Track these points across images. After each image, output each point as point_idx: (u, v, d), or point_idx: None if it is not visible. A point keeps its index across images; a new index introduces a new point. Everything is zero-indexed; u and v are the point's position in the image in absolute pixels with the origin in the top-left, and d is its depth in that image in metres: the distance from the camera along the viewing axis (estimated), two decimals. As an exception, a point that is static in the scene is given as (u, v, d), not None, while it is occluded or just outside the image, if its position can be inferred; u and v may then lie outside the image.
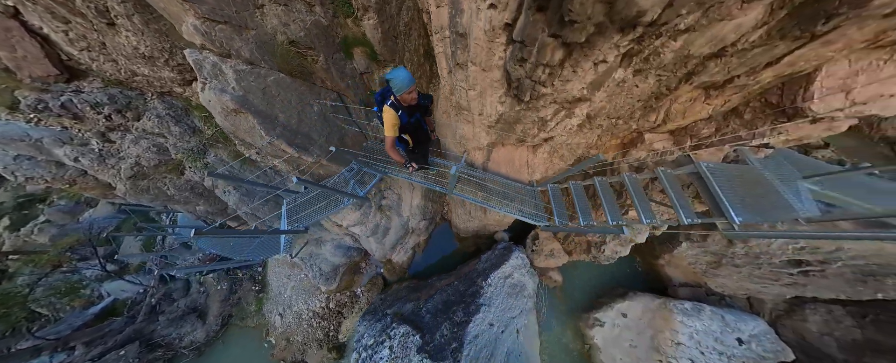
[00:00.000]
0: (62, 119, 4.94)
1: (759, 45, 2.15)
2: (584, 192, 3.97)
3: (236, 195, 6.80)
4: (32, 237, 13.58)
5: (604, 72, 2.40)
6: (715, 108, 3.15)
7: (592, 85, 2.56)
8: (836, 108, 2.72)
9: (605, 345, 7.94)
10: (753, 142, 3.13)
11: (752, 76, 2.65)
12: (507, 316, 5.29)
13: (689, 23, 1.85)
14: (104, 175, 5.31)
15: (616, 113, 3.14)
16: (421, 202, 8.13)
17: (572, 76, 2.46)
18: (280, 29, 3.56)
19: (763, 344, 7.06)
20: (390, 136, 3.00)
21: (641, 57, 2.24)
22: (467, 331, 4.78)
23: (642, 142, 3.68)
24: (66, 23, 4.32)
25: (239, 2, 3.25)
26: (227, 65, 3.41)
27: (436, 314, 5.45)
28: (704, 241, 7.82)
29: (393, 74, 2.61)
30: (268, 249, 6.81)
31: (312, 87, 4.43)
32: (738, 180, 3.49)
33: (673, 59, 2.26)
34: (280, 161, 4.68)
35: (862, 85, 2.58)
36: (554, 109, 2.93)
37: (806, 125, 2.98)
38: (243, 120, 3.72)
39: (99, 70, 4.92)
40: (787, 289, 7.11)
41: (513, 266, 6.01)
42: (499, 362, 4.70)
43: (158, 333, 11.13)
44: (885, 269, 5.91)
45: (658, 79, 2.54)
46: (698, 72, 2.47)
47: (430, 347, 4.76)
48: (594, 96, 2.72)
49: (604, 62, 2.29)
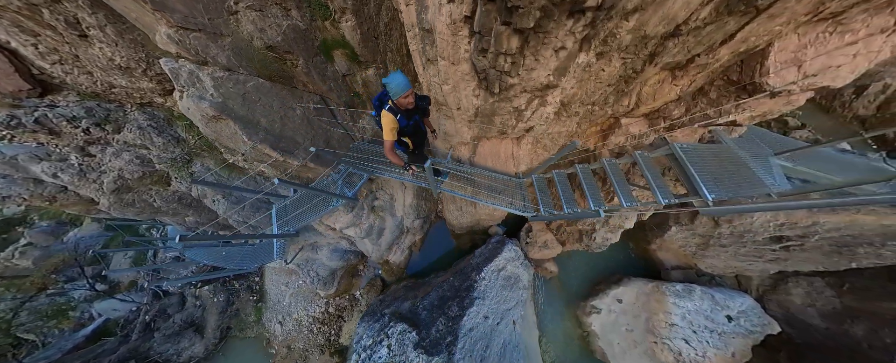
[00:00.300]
0: (37, 135, 4.82)
1: (711, 22, 2.23)
2: (567, 181, 4.06)
3: (226, 203, 6.72)
4: (14, 262, 13.14)
5: (566, 57, 2.46)
6: (682, 89, 3.25)
7: (558, 71, 2.62)
8: (790, 81, 2.83)
9: (602, 332, 8.10)
10: (720, 119, 3.23)
11: (711, 54, 2.74)
12: (503, 308, 5.36)
13: (636, 2, 1.91)
14: (86, 190, 5.20)
15: (589, 99, 3.21)
16: (414, 201, 8.15)
17: (535, 64, 2.52)
18: (256, 34, 3.54)
19: (751, 319, 7.30)
20: (389, 139, 3.00)
21: (599, 39, 2.30)
22: (462, 324, 4.84)
23: (619, 127, 3.77)
24: (36, 36, 4.21)
25: (212, 9, 3.23)
26: (204, 72, 3.38)
27: (432, 310, 5.50)
28: (692, 224, 8.02)
29: (390, 80, 2.62)
30: (261, 256, 6.74)
31: (294, 90, 4.42)
32: (712, 159, 3.62)
33: (632, 40, 2.33)
34: (266, 166, 4.65)
35: (811, 57, 2.71)
36: (527, 99, 2.98)
37: (767, 100, 3.09)
38: (224, 126, 3.70)
39: (74, 83, 4.81)
40: (770, 265, 7.36)
41: (506, 258, 6.10)
42: (495, 353, 4.76)
43: (155, 350, 10.91)
44: (857, 240, 6.17)
45: (623, 61, 2.62)
46: (660, 52, 2.55)
47: (426, 343, 4.81)
48: (562, 82, 2.77)
49: (563, 48, 2.35)
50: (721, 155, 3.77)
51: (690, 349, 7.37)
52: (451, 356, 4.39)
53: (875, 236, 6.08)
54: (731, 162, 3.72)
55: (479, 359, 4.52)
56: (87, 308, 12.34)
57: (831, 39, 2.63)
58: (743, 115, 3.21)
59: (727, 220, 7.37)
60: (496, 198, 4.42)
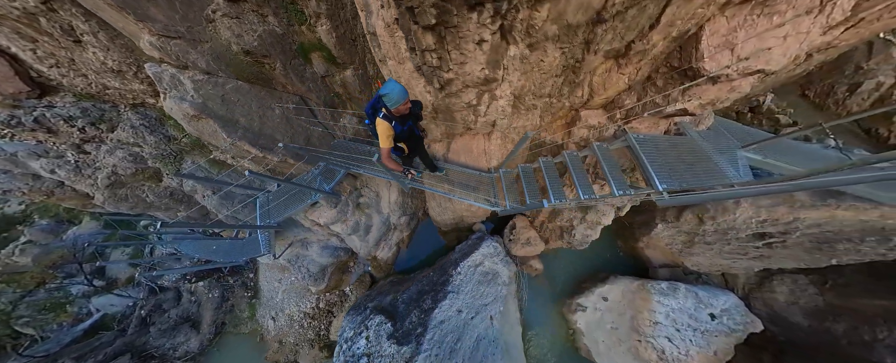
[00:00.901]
0: (36, 133, 5.30)
1: (631, 6, 2.44)
2: (532, 174, 4.38)
3: (216, 199, 7.18)
4: (14, 259, 13.82)
5: (491, 50, 2.72)
6: (630, 78, 3.44)
7: (491, 64, 2.88)
8: (725, 65, 2.89)
9: (587, 329, 8.38)
10: (668, 108, 3.43)
11: (644, 40, 2.94)
12: (479, 303, 5.69)
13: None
14: (81, 185, 5.67)
15: (541, 91, 3.49)
16: (399, 198, 8.53)
17: (462, 58, 2.78)
18: (233, 40, 3.93)
19: (733, 317, 7.52)
20: (386, 146, 3.11)
21: (520, 31, 2.53)
22: (433, 316, 5.18)
23: (580, 119, 4.03)
24: (34, 41, 4.67)
25: (190, 18, 3.63)
26: (185, 76, 3.79)
27: (409, 303, 5.87)
28: (677, 222, 8.24)
29: (386, 89, 2.68)
30: (249, 250, 7.17)
31: (273, 91, 4.81)
32: (670, 151, 3.86)
33: (558, 29, 2.57)
34: (248, 161, 5.06)
35: (742, 40, 2.79)
36: (475, 93, 3.28)
37: (711, 87, 3.21)
38: (205, 125, 4.11)
39: (70, 85, 5.28)
40: (754, 263, 7.57)
41: (483, 254, 6.42)
42: (467, 347, 5.07)
43: (150, 344, 11.48)
44: (837, 236, 6.36)
45: (561, 51, 2.87)
46: (593, 40, 2.79)
47: (398, 334, 5.17)
48: (503, 75, 3.05)
49: (484, 41, 2.62)
50: (681, 146, 4.01)
51: (673, 347, 7.61)
52: (418, 346, 4.74)
53: (854, 232, 6.27)
54: (692, 153, 3.95)
55: (448, 351, 4.85)
56: (86, 304, 12.97)
57: (760, 21, 2.73)
58: (691, 103, 3.35)
59: (711, 217, 7.58)
60: (467, 193, 4.76)
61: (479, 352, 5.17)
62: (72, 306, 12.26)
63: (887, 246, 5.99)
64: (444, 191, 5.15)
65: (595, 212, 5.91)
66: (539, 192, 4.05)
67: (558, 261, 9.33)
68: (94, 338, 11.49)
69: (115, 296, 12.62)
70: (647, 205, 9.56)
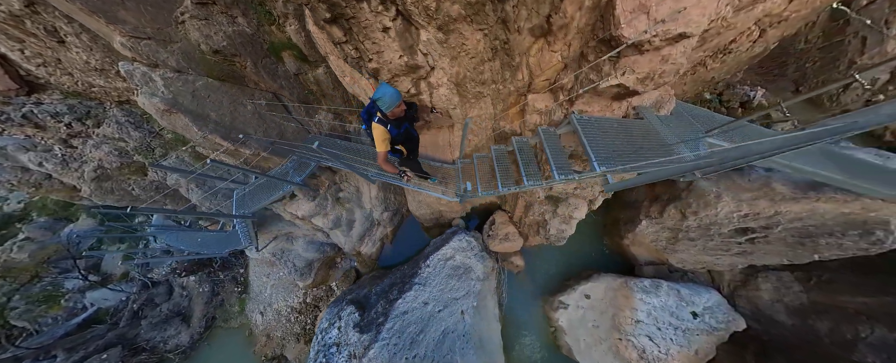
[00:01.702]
0: (25, 128, 5.84)
1: None
2: (488, 164, 4.67)
3: (199, 192, 7.69)
4: (12, 255, 14.65)
5: (399, 36, 3.00)
6: (563, 55, 3.58)
7: (407, 50, 3.17)
8: (643, 30, 2.87)
9: (569, 327, 8.67)
10: (602, 83, 3.45)
11: (560, 13, 3.10)
12: (448, 296, 6.02)
13: None
14: (68, 178, 6.21)
15: (481, 77, 3.75)
16: (379, 193, 8.92)
17: (376, 47, 3.07)
18: (202, 40, 4.35)
19: (716, 315, 7.72)
20: (382, 151, 3.20)
21: (420, 14, 2.75)
22: (395, 306, 5.54)
23: (527, 104, 4.27)
24: (21, 42, 5.18)
25: (160, 19, 4.05)
26: (156, 73, 4.23)
27: (379, 295, 6.25)
28: (661, 217, 8.46)
29: (379, 94, 2.77)
30: (232, 242, 7.66)
31: (245, 88, 5.24)
32: (620, 133, 3.96)
33: (462, 9, 2.79)
34: (222, 153, 5.50)
35: (657, 2, 2.76)
36: (410, 81, 3.58)
37: (640, 58, 3.22)
38: (177, 119, 4.55)
39: (57, 83, 5.79)
40: (737, 259, 7.75)
41: (454, 248, 6.75)
42: (431, 339, 5.40)
43: (141, 337, 12.15)
44: (819, 230, 6.52)
45: (482, 33, 3.14)
46: (509, 18, 3.03)
47: (363, 322, 5.56)
48: (421, 61, 3.30)
49: (388, 28, 2.92)
50: (634, 130, 4.16)
51: (654, 346, 7.84)
52: (377, 334, 5.11)
53: (836, 226, 6.42)
54: (646, 137, 4.07)
55: (408, 342, 5.20)
56: (80, 298, 13.71)
57: None
58: (626, 77, 3.37)
59: (693, 212, 7.77)
60: (427, 185, 5.11)
61: (444, 346, 5.51)
62: (66, 300, 13.00)
63: (869, 240, 6.14)
64: (404, 182, 5.47)
65: (566, 205, 6.19)
66: (492, 181, 4.33)
67: (542, 258, 9.62)
68: (87, 330, 12.19)
69: (108, 291, 13.32)
70: (631, 202, 9.79)
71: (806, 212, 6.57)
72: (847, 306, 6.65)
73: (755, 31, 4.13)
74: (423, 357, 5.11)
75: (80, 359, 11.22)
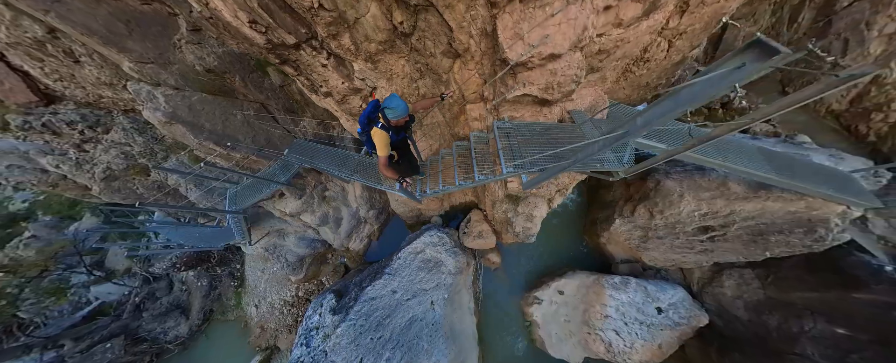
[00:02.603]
0: (44, 135, 6.92)
1: (415, 20, 3.45)
2: (450, 161, 5.52)
3: (197, 191, 8.75)
4: (19, 252, 16.03)
5: (335, 69, 3.93)
6: (480, 72, 4.38)
7: (346, 77, 4.15)
8: (522, 52, 3.64)
9: (543, 322, 9.53)
10: (509, 94, 4.27)
11: (456, 41, 3.92)
12: (417, 287, 6.92)
13: (331, 31, 3.32)
14: (81, 178, 7.29)
15: (417, 92, 4.62)
16: (364, 192, 9.89)
17: (323, 78, 4.06)
18: (196, 62, 5.32)
19: (679, 311, 8.51)
20: (384, 155, 3.45)
21: (346, 53, 3.69)
22: (365, 292, 6.46)
23: (465, 113, 5.10)
24: (42, 61, 6.23)
25: (160, 46, 5.04)
26: (158, 91, 5.22)
27: (356, 284, 7.20)
28: (632, 216, 9.24)
29: (390, 104, 3.09)
30: (226, 236, 8.70)
31: (234, 100, 6.22)
32: (541, 136, 4.68)
33: (378, 45, 3.72)
34: (216, 157, 6.51)
35: (527, 31, 3.53)
36: (360, 98, 4.53)
37: (532, 73, 4.00)
38: (176, 129, 5.54)
39: (71, 95, 6.85)
40: (701, 257, 8.52)
41: (424, 243, 7.65)
42: (397, 324, 6.31)
43: (143, 328, 13.40)
44: (769, 228, 7.27)
45: (404, 59, 4.04)
46: (420, 48, 3.93)
47: (337, 307, 6.52)
48: (361, 84, 4.27)
49: (325, 64, 3.87)
50: (558, 132, 4.90)
51: (620, 340, 8.66)
52: (346, 315, 6.05)
53: (784, 224, 7.15)
54: (571, 139, 4.82)
55: (374, 324, 6.13)
56: (85, 293, 15.03)
57: (537, 14, 3.48)
58: (529, 87, 4.14)
59: (660, 212, 8.54)
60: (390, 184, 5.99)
61: (411, 331, 6.43)
62: (72, 294, 14.33)
63: (812, 237, 6.88)
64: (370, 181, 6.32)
65: (525, 203, 7.03)
66: (449, 180, 5.18)
67: (521, 256, 10.49)
68: (92, 322, 13.48)
69: (112, 285, 14.61)
70: (609, 201, 10.57)
71: (757, 211, 7.32)
72: (796, 302, 7.38)
73: (664, 42, 4.89)
74: (388, 339, 6.05)
75: (86, 347, 12.49)
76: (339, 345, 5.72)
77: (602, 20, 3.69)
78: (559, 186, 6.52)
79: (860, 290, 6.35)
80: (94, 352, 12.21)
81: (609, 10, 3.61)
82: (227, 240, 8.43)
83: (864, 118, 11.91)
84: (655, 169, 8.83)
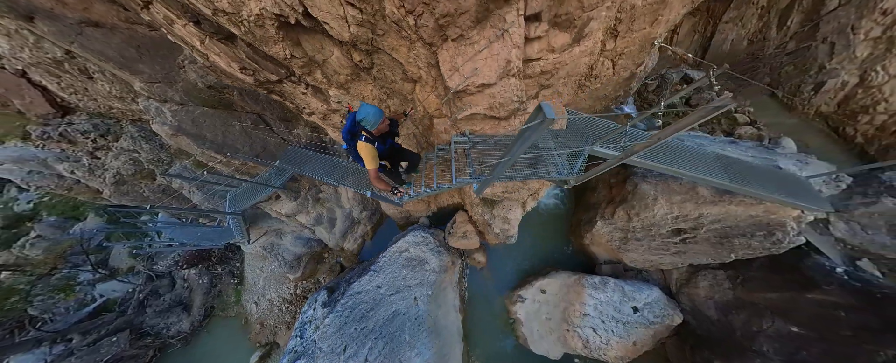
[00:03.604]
0: (60, 143, 7.81)
1: (372, 57, 4.23)
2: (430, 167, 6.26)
3: (199, 194, 9.61)
4: (25, 252, 17.10)
5: (314, 96, 4.74)
6: (435, 94, 5.09)
7: (324, 101, 4.96)
8: (459, 82, 4.40)
9: (526, 319, 10.27)
10: (460, 114, 5.06)
11: (410, 70, 4.67)
12: (401, 283, 7.69)
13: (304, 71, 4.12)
14: (93, 183, 8.18)
15: (388, 111, 5.44)
16: (356, 194, 10.69)
17: (304, 102, 4.92)
18: (198, 80, 6.12)
19: (654, 310, 9.19)
20: (373, 168, 3.43)
21: (320, 83, 4.49)
22: (351, 287, 7.27)
23: (433, 126, 5.82)
24: (58, 77, 7.09)
25: (167, 67, 5.85)
26: (166, 107, 6.05)
27: (346, 281, 8.01)
28: (613, 219, 9.93)
29: (362, 114, 3.07)
30: (227, 235, 9.56)
31: (233, 112, 7.04)
32: (500, 148, 5.38)
33: (346, 76, 4.52)
34: (218, 164, 7.33)
35: (461, 65, 4.27)
36: (339, 116, 5.34)
37: (474, 97, 4.78)
38: (181, 139, 6.37)
39: (84, 106, 7.73)
40: (675, 258, 9.19)
41: (408, 242, 8.42)
42: (381, 317, 7.11)
43: (146, 323, 14.39)
44: (734, 231, 7.92)
45: (371, 85, 4.83)
46: (383, 77, 4.72)
47: (328, 301, 7.33)
48: (337, 106, 5.07)
49: (304, 93, 4.70)
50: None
51: (596, 337, 9.36)
52: (333, 307, 6.87)
53: (747, 227, 7.80)
54: (530, 150, 5.52)
55: (358, 316, 6.94)
56: (91, 290, 16.05)
57: (467, 50, 4.12)
58: (475, 108, 4.95)
59: (636, 214, 9.22)
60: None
61: (393, 324, 7.22)
62: (79, 292, 15.36)
63: (771, 240, 7.54)
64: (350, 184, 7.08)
65: (500, 206, 7.76)
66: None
67: (507, 256, 11.23)
68: (98, 318, 14.47)
69: (117, 282, 15.61)
70: (592, 204, 11.25)
71: (723, 214, 7.98)
72: (759, 302, 8.03)
73: (607, 62, 5.56)
74: (371, 330, 6.84)
75: (93, 341, 13.50)
76: (326, 333, 6.53)
77: (536, 48, 4.42)
78: (531, 191, 7.24)
79: (813, 291, 6.99)
80: (100, 345, 13.20)
81: (540, 40, 4.31)
82: (228, 239, 9.28)
83: (851, 120, 12.36)
84: (634, 172, 9.51)
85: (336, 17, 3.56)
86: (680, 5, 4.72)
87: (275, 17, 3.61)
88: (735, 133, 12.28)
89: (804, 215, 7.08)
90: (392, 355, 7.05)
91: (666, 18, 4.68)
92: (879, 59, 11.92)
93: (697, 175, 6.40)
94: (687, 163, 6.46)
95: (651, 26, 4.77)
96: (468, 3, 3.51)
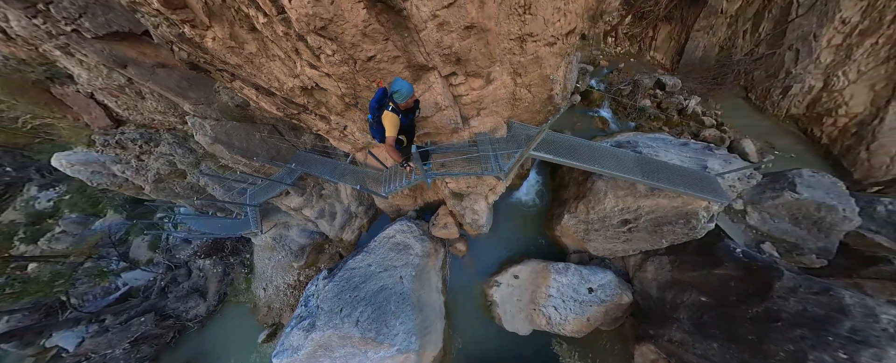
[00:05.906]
0: (115, 149, 10.41)
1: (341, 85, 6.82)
2: None
3: (220, 190, 12.18)
4: (52, 245, 20.11)
5: (320, 120, 7.25)
6: None
7: (327, 123, 7.44)
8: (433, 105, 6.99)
9: (501, 301, 12.58)
10: (419, 132, 7.58)
11: None
12: (387, 262, 10.09)
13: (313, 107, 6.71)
14: (138, 181, 10.81)
15: None
16: (353, 191, 13.14)
17: (313, 125, 7.42)
18: (229, 100, 8.61)
19: (606, 290, 11.43)
20: (391, 135, 3.93)
21: (328, 115, 7.03)
22: (347, 263, 9.69)
23: None
24: (117, 97, 9.67)
25: (207, 92, 8.35)
26: (206, 122, 8.57)
27: (343, 261, 10.47)
28: (576, 212, 12.18)
29: (397, 87, 3.64)
30: (244, 226, 12.11)
31: (254, 124, 9.55)
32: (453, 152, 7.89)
33: (341, 109, 7.01)
34: (242, 166, 9.83)
35: (421, 93, 6.46)
36: (337, 133, 7.79)
37: (423, 122, 7.14)
38: (217, 148, 8.91)
39: (133, 119, 10.32)
40: (625, 246, 11.42)
41: (395, 230, 10.82)
42: (370, 289, 9.53)
43: (168, 307, 17.16)
44: (663, 219, 10.10)
45: (360, 113, 7.26)
46: (363, 108, 7.18)
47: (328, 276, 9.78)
48: (333, 125, 7.55)
49: (314, 119, 7.21)
50: (466, 150, 8.00)
51: (557, 314, 11.62)
52: (332, 279, 9.31)
53: (672, 216, 9.96)
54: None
55: (352, 286, 9.38)
56: (115, 279, 18.92)
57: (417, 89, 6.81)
58: (424, 129, 7.47)
59: (592, 207, 11.44)
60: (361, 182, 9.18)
61: (380, 296, 9.64)
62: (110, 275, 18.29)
63: (689, 227, 9.72)
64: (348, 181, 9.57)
65: (468, 199, 10.08)
66: None
67: (487, 246, 13.55)
68: (125, 302, 17.30)
69: (141, 271, 18.47)
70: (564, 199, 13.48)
71: (654, 206, 10.19)
72: (686, 280, 10.20)
73: (523, 90, 7.78)
74: (361, 298, 9.26)
75: (125, 320, 16.30)
76: (327, 297, 8.99)
77: (461, 89, 6.84)
78: (490, 187, 9.56)
79: (718, 267, 9.13)
80: (130, 324, 16.00)
81: (463, 84, 6.65)
82: (244, 229, 11.84)
83: (817, 122, 14.29)
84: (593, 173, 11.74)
85: (333, 86, 6.11)
86: (554, 59, 6.96)
87: (300, 87, 6.17)
88: (701, 135, 14.32)
89: (710, 206, 9.23)
90: (379, 320, 9.47)
91: (549, 64, 6.95)
92: (841, 64, 13.83)
93: (614, 172, 8.64)
94: (604, 161, 8.69)
95: (541, 69, 7.03)
96: (404, 74, 6.03)
